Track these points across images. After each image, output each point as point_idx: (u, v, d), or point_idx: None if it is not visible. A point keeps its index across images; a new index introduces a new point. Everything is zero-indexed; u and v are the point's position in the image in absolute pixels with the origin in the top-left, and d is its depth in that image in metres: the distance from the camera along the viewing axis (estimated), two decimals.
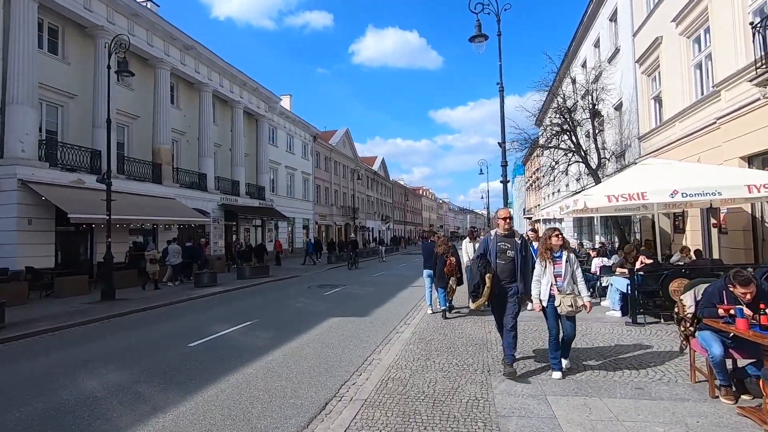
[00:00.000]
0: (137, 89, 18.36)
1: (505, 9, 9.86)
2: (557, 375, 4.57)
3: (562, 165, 15.87)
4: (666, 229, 12.68)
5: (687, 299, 4.29)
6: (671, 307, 7.01)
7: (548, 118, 16.93)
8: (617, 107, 16.10)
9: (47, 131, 14.78)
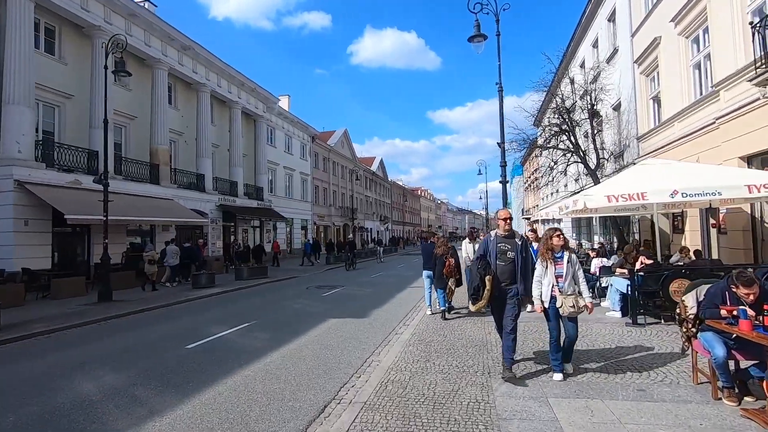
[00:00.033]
0: (135, 89, 18.29)
1: (504, 9, 9.85)
2: (558, 377, 4.53)
3: (561, 165, 15.87)
4: (665, 230, 12.68)
5: (689, 300, 4.25)
6: (671, 308, 6.99)
7: (547, 119, 16.94)
8: (616, 107, 16.11)
9: (44, 132, 14.71)
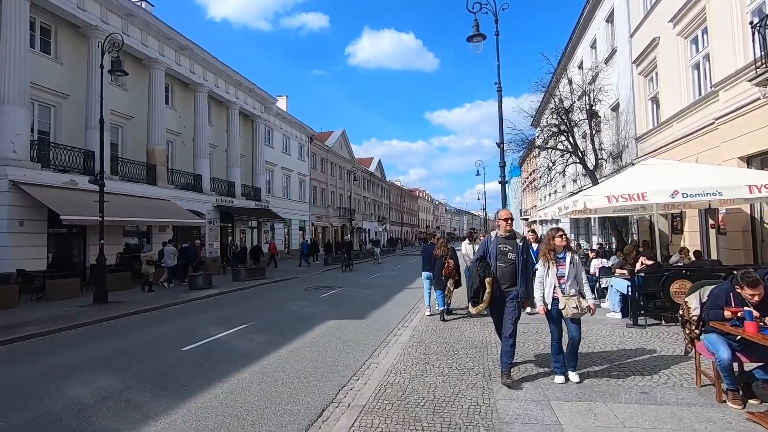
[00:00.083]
0: (132, 89, 18.18)
1: (503, 9, 9.79)
2: (560, 379, 4.46)
3: (559, 166, 15.83)
4: (664, 230, 12.65)
5: (692, 301, 4.20)
6: (672, 309, 6.95)
7: (545, 119, 16.90)
8: (614, 108, 16.09)
9: (39, 132, 14.59)
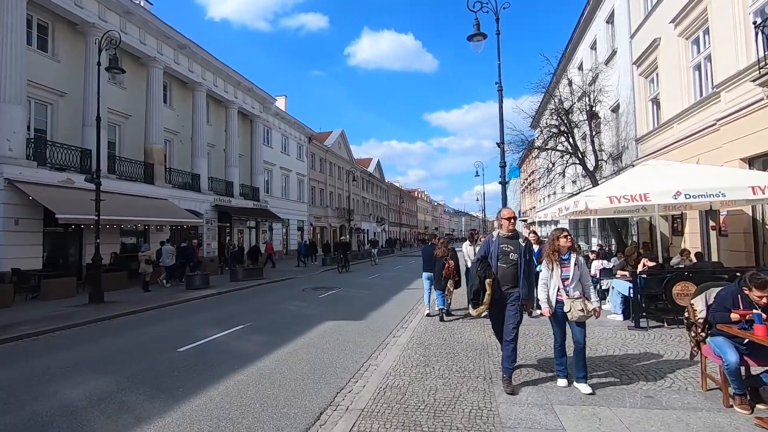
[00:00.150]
0: (129, 88, 18.05)
1: (504, 8, 9.72)
2: (563, 383, 4.37)
3: (559, 167, 15.77)
4: (664, 232, 12.59)
5: (698, 304, 4.12)
6: (674, 311, 6.89)
7: (545, 120, 16.84)
8: (614, 109, 16.04)
9: (36, 130, 14.45)
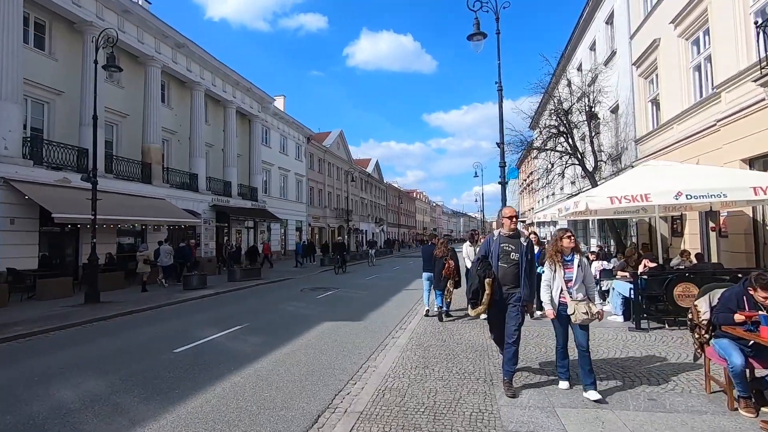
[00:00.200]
0: (127, 87, 17.95)
1: (504, 7, 9.68)
2: (564, 385, 4.31)
3: (558, 168, 15.73)
4: (664, 233, 12.56)
5: (702, 305, 4.07)
6: (675, 312, 6.85)
7: (544, 120, 16.81)
8: (613, 110, 16.02)
9: (32, 128, 14.33)
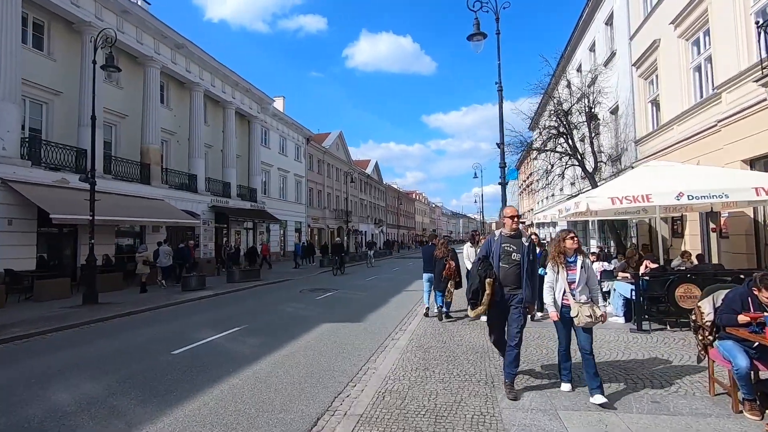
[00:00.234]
0: (126, 88, 17.90)
1: (504, 7, 9.66)
2: (567, 387, 4.26)
3: (558, 168, 15.71)
4: (664, 234, 12.52)
5: (705, 306, 4.02)
6: (677, 314, 6.80)
7: (543, 121, 16.79)
8: (613, 111, 16.00)
9: (31, 129, 14.28)
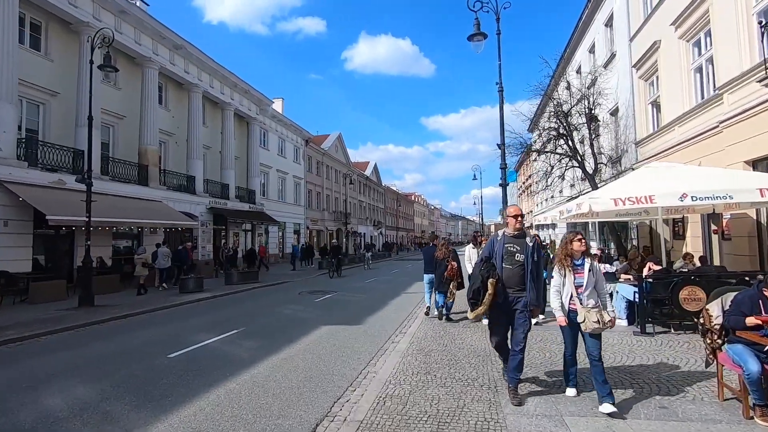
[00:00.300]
0: (124, 88, 17.81)
1: (505, 7, 9.61)
2: (572, 392, 4.16)
3: (558, 170, 15.65)
4: (665, 236, 12.45)
5: (713, 309, 3.94)
6: (681, 316, 6.72)
7: (543, 123, 16.74)
8: (613, 112, 15.96)
9: (27, 130, 14.17)
